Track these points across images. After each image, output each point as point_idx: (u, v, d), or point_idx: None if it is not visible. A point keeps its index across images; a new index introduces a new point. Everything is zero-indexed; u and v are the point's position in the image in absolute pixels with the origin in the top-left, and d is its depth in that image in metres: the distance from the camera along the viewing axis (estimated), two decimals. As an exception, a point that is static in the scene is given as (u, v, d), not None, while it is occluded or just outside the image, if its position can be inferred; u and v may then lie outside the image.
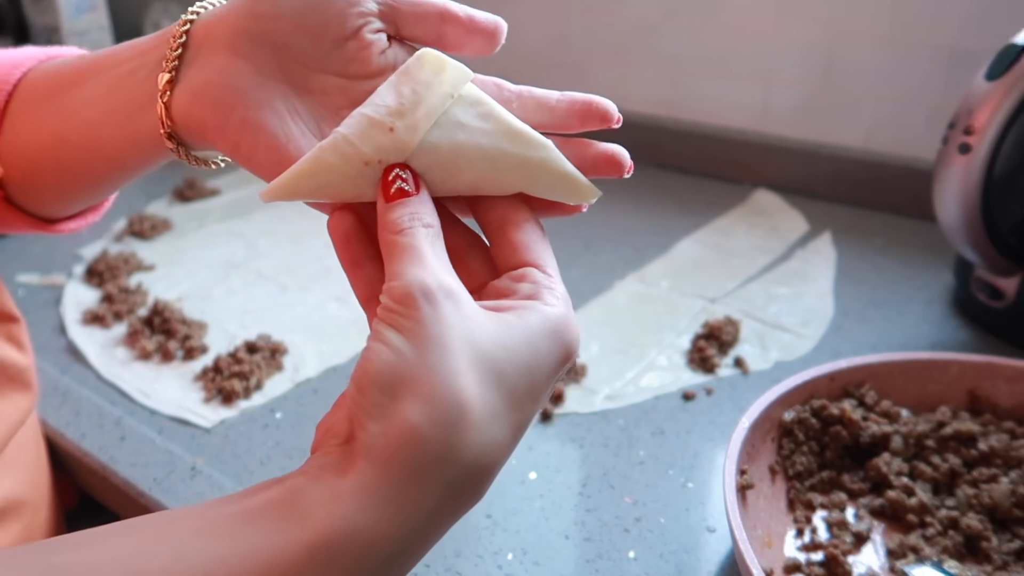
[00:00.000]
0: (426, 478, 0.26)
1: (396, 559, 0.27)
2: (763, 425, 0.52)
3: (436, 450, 0.26)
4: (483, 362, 0.28)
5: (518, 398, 0.29)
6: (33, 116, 0.41)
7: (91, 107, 0.38)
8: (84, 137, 0.39)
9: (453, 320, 0.28)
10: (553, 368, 0.30)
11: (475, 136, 0.33)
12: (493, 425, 0.28)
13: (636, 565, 0.48)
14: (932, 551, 0.47)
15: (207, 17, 0.35)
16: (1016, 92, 0.59)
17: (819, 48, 0.94)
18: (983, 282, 0.69)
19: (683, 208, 0.96)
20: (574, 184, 0.34)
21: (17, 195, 0.44)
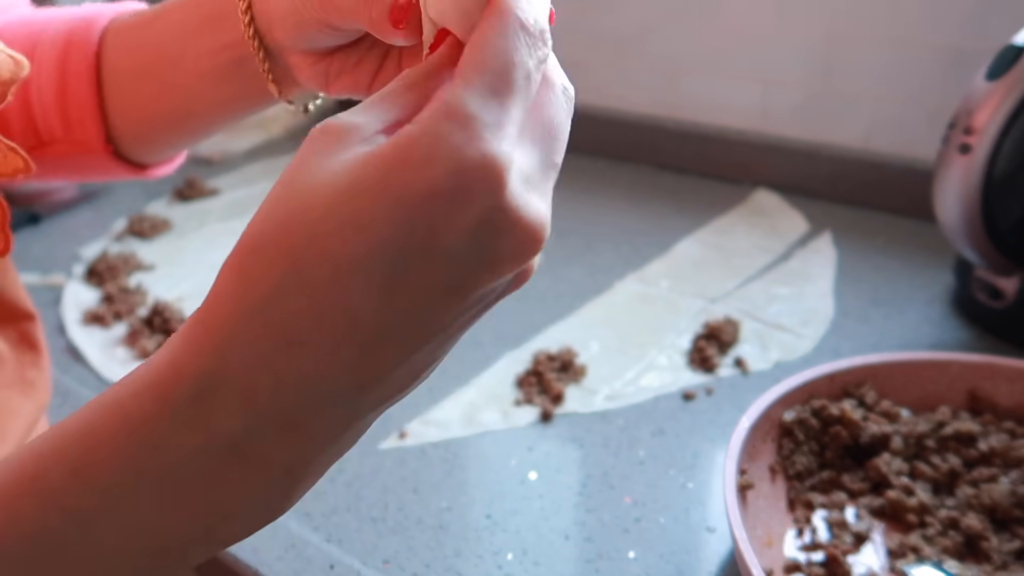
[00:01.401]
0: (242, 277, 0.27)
1: (209, 383, 0.25)
2: (763, 425, 0.52)
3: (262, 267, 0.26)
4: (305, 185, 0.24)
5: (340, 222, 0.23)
6: (140, 92, 0.46)
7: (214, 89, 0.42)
8: (217, 109, 0.44)
9: (319, 154, 0.24)
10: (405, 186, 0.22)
11: None
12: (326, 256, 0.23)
13: (636, 565, 0.48)
14: (932, 551, 0.47)
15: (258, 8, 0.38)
16: (1016, 92, 0.59)
17: (819, 48, 0.94)
18: (983, 282, 0.69)
19: (683, 208, 0.96)
20: None
21: (127, 149, 0.48)
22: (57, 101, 0.47)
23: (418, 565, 0.48)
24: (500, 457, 0.57)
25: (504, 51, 0.24)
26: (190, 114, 0.45)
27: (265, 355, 0.24)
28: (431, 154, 0.22)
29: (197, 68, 0.42)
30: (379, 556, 0.49)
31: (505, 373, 0.66)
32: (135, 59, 0.45)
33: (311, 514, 0.52)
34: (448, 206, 0.22)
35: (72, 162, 0.49)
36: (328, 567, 0.47)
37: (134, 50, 0.45)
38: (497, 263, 0.24)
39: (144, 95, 0.46)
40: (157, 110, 0.46)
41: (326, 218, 0.23)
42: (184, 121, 0.46)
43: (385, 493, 0.54)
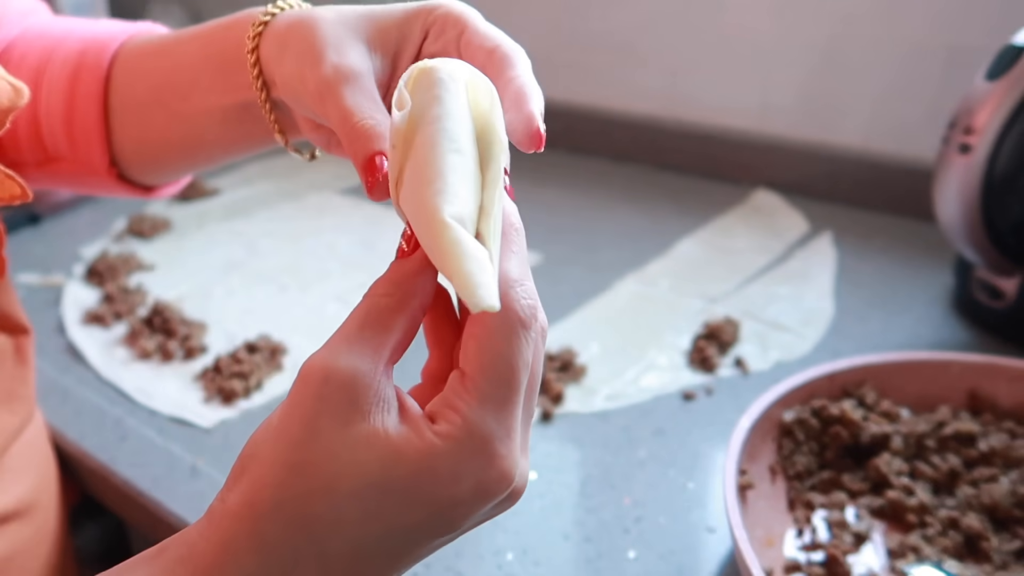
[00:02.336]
0: (242, 557, 0.26)
1: None
2: (763, 425, 0.52)
3: (256, 535, 0.26)
4: (317, 469, 0.26)
5: (352, 518, 0.26)
6: (147, 121, 0.46)
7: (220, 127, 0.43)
8: (222, 145, 0.45)
9: (323, 417, 0.26)
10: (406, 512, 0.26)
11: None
12: (325, 538, 0.26)
13: (636, 565, 0.48)
14: (932, 551, 0.47)
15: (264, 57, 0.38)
16: (1016, 92, 0.59)
17: (818, 48, 0.94)
18: (983, 282, 0.69)
19: (683, 208, 0.96)
20: (462, 281, 0.24)
21: (131, 172, 0.48)
22: (65, 121, 0.46)
23: (418, 565, 0.48)
24: (500, 457, 0.57)
25: (509, 357, 0.26)
26: (196, 145, 0.45)
27: None
28: (457, 472, 0.26)
29: (205, 104, 0.42)
30: (379, 556, 0.49)
31: (505, 373, 0.65)
32: (145, 85, 0.45)
33: (311, 514, 0.52)
34: (467, 509, 0.27)
35: (77, 179, 0.49)
36: (328, 567, 0.47)
37: (144, 76, 0.45)
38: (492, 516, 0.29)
39: (151, 122, 0.45)
40: (163, 138, 0.46)
41: (351, 505, 0.26)
42: (190, 151, 0.46)
43: (385, 493, 0.54)
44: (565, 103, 1.14)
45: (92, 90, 0.46)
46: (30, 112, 0.47)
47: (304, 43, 0.34)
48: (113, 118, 0.46)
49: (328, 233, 0.92)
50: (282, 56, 0.36)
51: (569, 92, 1.14)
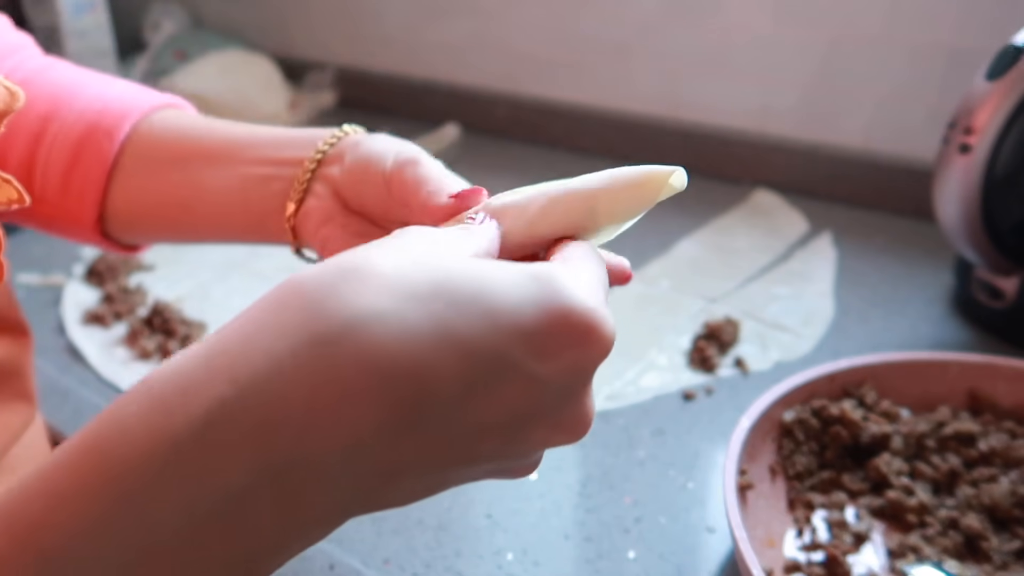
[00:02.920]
0: (288, 314, 0.21)
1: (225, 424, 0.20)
2: (763, 425, 0.52)
3: (308, 291, 0.22)
4: (420, 255, 0.23)
5: (456, 305, 0.22)
6: (156, 178, 0.47)
7: (224, 192, 0.44)
8: (212, 215, 0.45)
9: (410, 234, 0.25)
10: (530, 315, 0.23)
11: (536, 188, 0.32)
12: (402, 301, 0.21)
13: (636, 565, 0.48)
14: (932, 551, 0.47)
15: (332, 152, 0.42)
16: (1016, 92, 0.59)
17: (819, 48, 0.94)
18: (983, 282, 0.69)
19: (683, 208, 0.96)
20: (646, 177, 0.30)
21: (113, 229, 0.49)
22: (64, 172, 0.47)
23: (418, 565, 0.48)
24: (500, 457, 0.57)
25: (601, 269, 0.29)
26: (187, 210, 0.46)
27: (318, 402, 0.21)
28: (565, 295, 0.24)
29: (231, 172, 0.44)
30: (379, 556, 0.49)
31: (505, 373, 0.65)
32: (180, 147, 0.47)
33: (311, 514, 0.52)
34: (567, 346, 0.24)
35: (54, 224, 0.50)
36: (328, 567, 0.47)
37: (178, 145, 0.47)
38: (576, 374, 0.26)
39: (157, 181, 0.47)
40: (160, 199, 0.47)
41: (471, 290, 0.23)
42: (177, 216, 0.47)
43: (385, 493, 0.54)
44: (565, 103, 1.14)
45: (105, 147, 0.47)
46: (26, 154, 0.48)
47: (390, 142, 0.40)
48: (118, 174, 0.47)
49: (328, 233, 0.92)
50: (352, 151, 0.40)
51: (569, 92, 1.13)
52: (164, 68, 1.28)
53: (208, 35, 1.41)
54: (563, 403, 0.24)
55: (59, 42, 1.24)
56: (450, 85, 1.20)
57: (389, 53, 1.27)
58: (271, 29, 1.39)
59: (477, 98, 1.17)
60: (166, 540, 0.20)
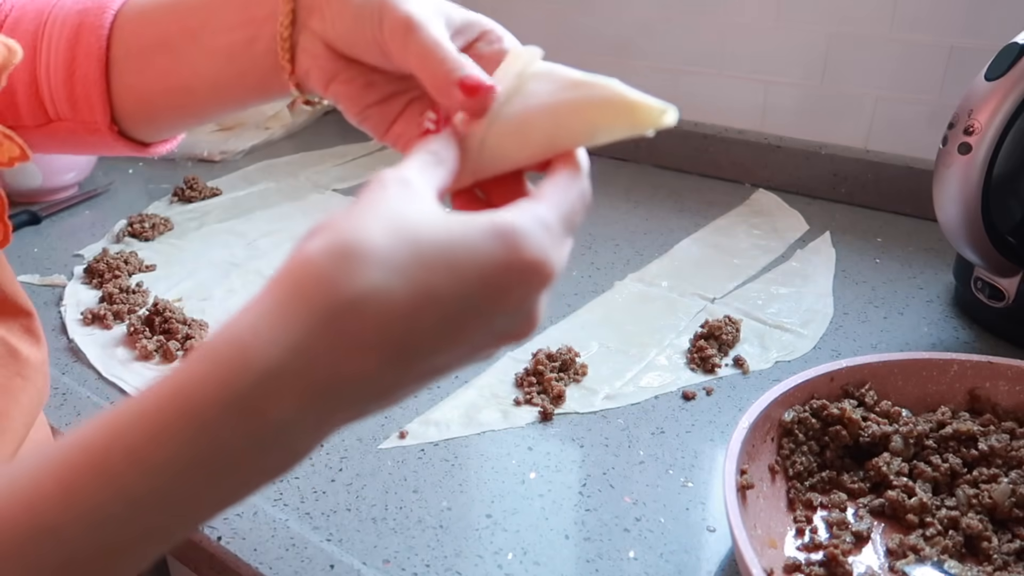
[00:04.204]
0: (305, 295, 0.27)
1: (275, 376, 0.27)
2: (763, 425, 0.52)
3: (318, 272, 0.27)
4: (400, 225, 0.28)
5: (430, 268, 0.28)
6: (150, 66, 0.47)
7: (215, 67, 0.45)
8: (214, 92, 0.46)
9: (391, 195, 0.29)
10: (488, 267, 0.28)
11: (540, 98, 0.35)
12: (390, 275, 0.27)
13: (636, 565, 0.48)
14: (932, 551, 0.47)
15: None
16: (1016, 92, 0.59)
17: (819, 48, 0.94)
18: (983, 282, 0.69)
19: (683, 208, 0.96)
20: (640, 108, 0.34)
21: (130, 128, 0.50)
22: (66, 80, 0.48)
23: (418, 565, 0.48)
24: (500, 457, 0.57)
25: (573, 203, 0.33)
26: (193, 91, 0.47)
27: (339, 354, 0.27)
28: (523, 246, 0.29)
29: (212, 43, 0.45)
30: (379, 556, 0.49)
31: (505, 373, 0.65)
32: (152, 32, 0.47)
33: (311, 514, 0.52)
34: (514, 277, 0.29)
35: (76, 139, 0.51)
36: (328, 567, 0.47)
37: (152, 23, 0.47)
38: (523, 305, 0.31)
39: (152, 69, 0.47)
40: (162, 86, 0.47)
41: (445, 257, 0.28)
42: (185, 99, 0.48)
43: (385, 493, 0.54)
44: (565, 103, 1.14)
45: (94, 46, 0.47)
46: (28, 74, 0.48)
47: None
48: (114, 70, 0.48)
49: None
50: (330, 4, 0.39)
51: (569, 92, 1.13)
52: (164, 68, 1.28)
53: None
54: (514, 321, 0.31)
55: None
56: (450, 85, 1.20)
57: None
58: (271, 29, 1.39)
59: (477, 98, 1.17)
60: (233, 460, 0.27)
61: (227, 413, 0.26)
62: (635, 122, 0.34)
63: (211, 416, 0.26)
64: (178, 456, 0.26)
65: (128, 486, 0.26)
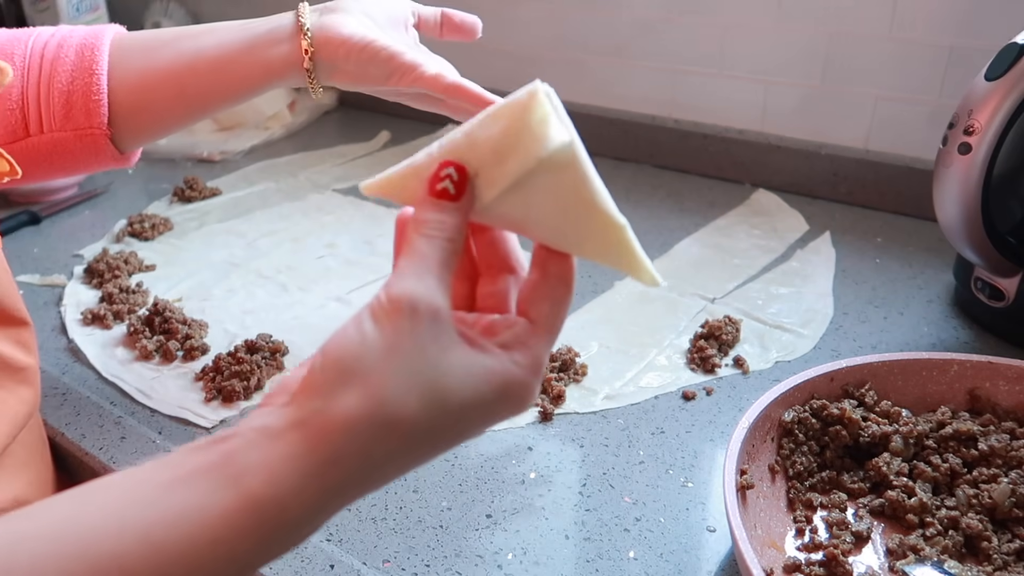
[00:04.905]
0: (347, 464, 0.29)
1: (305, 526, 0.30)
2: (763, 425, 0.52)
3: (362, 445, 0.29)
4: (433, 388, 0.30)
5: (448, 428, 0.31)
6: (152, 58, 0.53)
7: (225, 44, 0.51)
8: (217, 65, 0.52)
9: (426, 341, 0.30)
10: (489, 418, 0.33)
11: (550, 203, 0.32)
12: (418, 444, 0.31)
13: (636, 565, 0.48)
14: (932, 551, 0.47)
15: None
16: (1016, 92, 0.59)
17: (819, 48, 0.94)
18: (983, 282, 0.69)
19: (683, 208, 0.96)
20: (640, 268, 0.34)
21: (122, 128, 0.54)
22: (61, 94, 0.52)
23: (418, 565, 0.48)
24: (500, 457, 0.57)
25: (561, 318, 0.34)
26: (197, 80, 0.52)
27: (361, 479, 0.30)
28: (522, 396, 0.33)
29: (219, 38, 0.51)
30: (379, 556, 0.49)
31: (505, 373, 0.65)
32: (159, 37, 0.54)
33: (311, 514, 0.52)
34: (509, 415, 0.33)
35: (58, 151, 0.54)
36: (328, 567, 0.47)
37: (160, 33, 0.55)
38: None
39: (156, 61, 0.52)
40: (163, 73, 0.52)
41: (464, 412, 0.31)
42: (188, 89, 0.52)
43: (385, 493, 0.54)
44: (565, 103, 1.14)
45: (98, 58, 0.52)
46: (17, 98, 0.52)
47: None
48: (114, 72, 0.53)
49: (328, 233, 0.92)
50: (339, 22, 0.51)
51: (569, 92, 1.13)
52: (164, 68, 1.28)
53: (208, 35, 1.41)
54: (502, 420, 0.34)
55: (59, 42, 1.23)
56: (450, 85, 1.20)
57: (389, 53, 1.27)
58: (271, 29, 1.39)
59: (477, 98, 1.17)
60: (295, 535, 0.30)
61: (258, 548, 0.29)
62: (632, 272, 0.34)
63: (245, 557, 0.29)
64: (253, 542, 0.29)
65: None
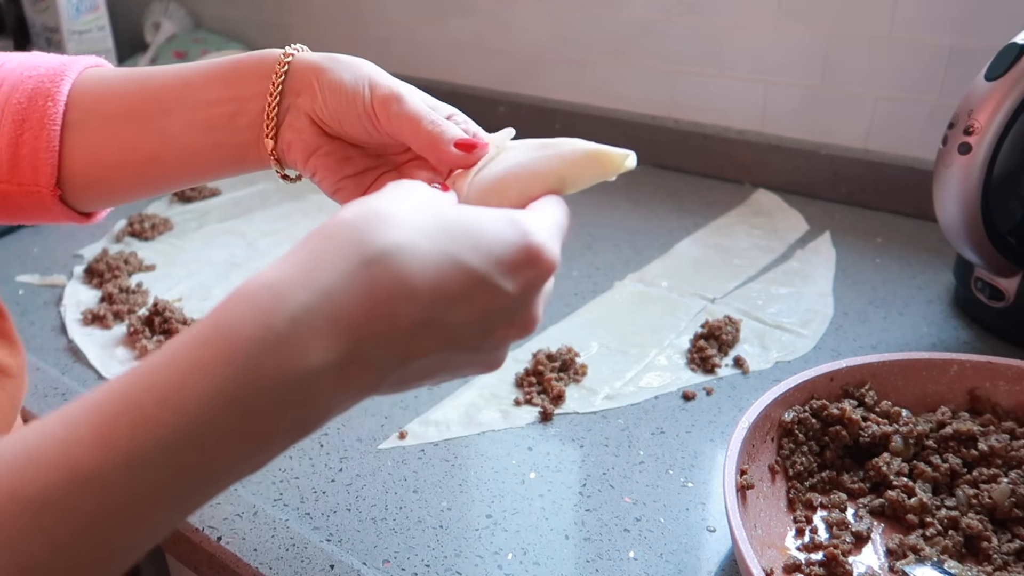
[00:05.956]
0: (337, 245, 0.30)
1: (308, 317, 0.29)
2: (763, 425, 0.52)
3: (351, 226, 0.30)
4: (426, 203, 0.32)
5: (453, 238, 0.31)
6: (114, 135, 0.47)
7: (190, 137, 0.45)
8: (183, 161, 0.46)
9: (413, 187, 0.34)
10: (503, 245, 0.32)
11: (515, 159, 0.40)
12: (417, 235, 0.31)
13: (636, 565, 0.48)
14: (932, 551, 0.47)
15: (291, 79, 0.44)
16: (1016, 92, 0.59)
17: (819, 48, 0.94)
18: (983, 282, 0.69)
19: (683, 208, 0.96)
20: (605, 156, 0.38)
21: (76, 193, 0.49)
22: (10, 143, 0.47)
23: (418, 565, 0.48)
24: (500, 457, 0.57)
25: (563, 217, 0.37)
26: (161, 160, 0.47)
27: (367, 303, 0.29)
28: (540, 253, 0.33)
29: (189, 116, 0.45)
30: (379, 556, 0.49)
31: (505, 373, 0.65)
32: (119, 104, 0.47)
33: (311, 514, 0.52)
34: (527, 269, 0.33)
35: (8, 203, 0.49)
36: (328, 567, 0.48)
37: (120, 96, 0.47)
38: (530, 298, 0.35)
39: (116, 138, 0.47)
40: (125, 153, 0.47)
41: (463, 227, 0.32)
42: (149, 168, 0.47)
43: (385, 493, 0.54)
44: (565, 103, 1.14)
45: (50, 111, 0.46)
46: None
47: (356, 69, 0.43)
48: (70, 134, 0.47)
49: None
50: (321, 83, 0.43)
51: (569, 92, 1.13)
52: (164, 68, 1.28)
53: (208, 35, 1.41)
54: (519, 308, 0.33)
55: (59, 42, 1.24)
56: (450, 85, 1.20)
57: (389, 53, 1.27)
58: (271, 29, 1.39)
59: (477, 98, 1.17)
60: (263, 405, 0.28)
61: (263, 351, 0.27)
62: (601, 170, 0.39)
63: (248, 354, 0.27)
64: (213, 393, 0.27)
65: (162, 428, 0.26)
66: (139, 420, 0.26)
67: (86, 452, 0.26)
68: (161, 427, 0.26)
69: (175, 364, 0.27)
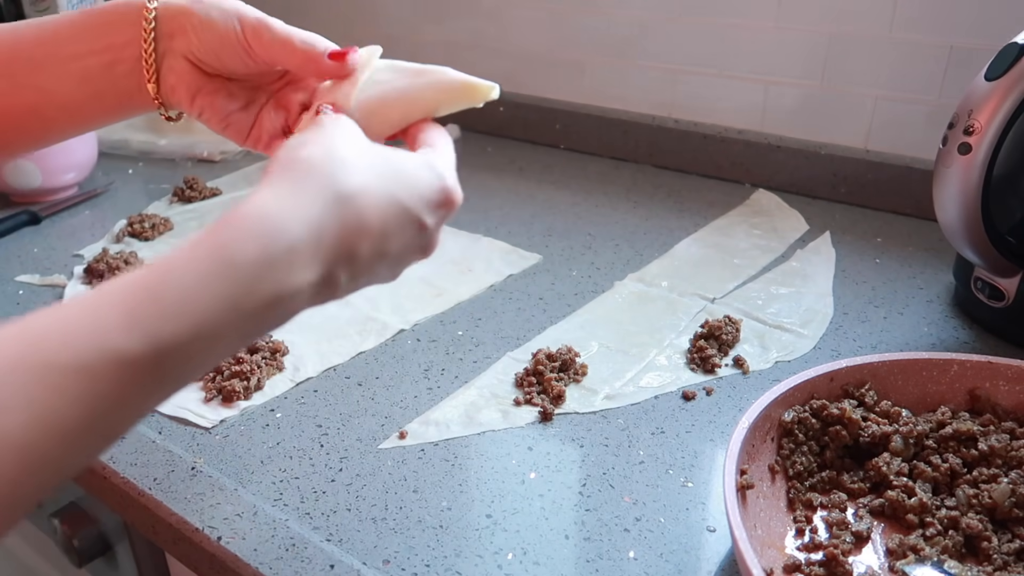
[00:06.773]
0: (315, 184, 0.36)
1: (300, 245, 0.34)
2: (763, 425, 0.52)
3: (322, 169, 0.36)
4: (366, 149, 0.39)
5: (395, 181, 0.38)
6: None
7: (69, 89, 0.47)
8: (64, 112, 0.48)
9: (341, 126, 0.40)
10: (427, 187, 0.40)
11: (392, 84, 0.46)
12: (372, 179, 0.37)
13: (636, 565, 0.48)
14: (932, 551, 0.47)
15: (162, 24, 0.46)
16: (1016, 92, 0.59)
17: (819, 48, 0.94)
18: (983, 282, 0.69)
19: (683, 208, 0.96)
20: (472, 87, 0.46)
21: None
22: None
23: (418, 565, 0.48)
24: (500, 457, 0.57)
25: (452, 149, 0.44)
26: (38, 115, 0.47)
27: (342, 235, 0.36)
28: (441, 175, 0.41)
29: (62, 69, 0.46)
30: (379, 556, 0.49)
31: (505, 373, 0.66)
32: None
33: (311, 514, 0.52)
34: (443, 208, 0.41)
35: None
36: (328, 567, 0.48)
37: None
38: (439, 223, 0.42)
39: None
40: (6, 112, 0.47)
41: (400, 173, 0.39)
42: (27, 123, 0.48)
43: (385, 493, 0.54)
44: (565, 103, 1.14)
45: None
46: None
47: (222, 5, 0.46)
48: None
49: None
50: (193, 24, 0.45)
51: (569, 92, 1.14)
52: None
53: (208, 35, 1.41)
54: (431, 236, 0.41)
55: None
56: (450, 85, 1.20)
57: (389, 53, 1.27)
58: (271, 29, 1.39)
59: (477, 98, 1.17)
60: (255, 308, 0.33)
61: (263, 270, 0.33)
62: (470, 99, 0.45)
63: (250, 271, 0.33)
64: (224, 297, 0.32)
65: (181, 320, 0.31)
66: (163, 311, 0.31)
67: (114, 329, 0.29)
68: (180, 320, 0.31)
69: (191, 266, 0.32)
